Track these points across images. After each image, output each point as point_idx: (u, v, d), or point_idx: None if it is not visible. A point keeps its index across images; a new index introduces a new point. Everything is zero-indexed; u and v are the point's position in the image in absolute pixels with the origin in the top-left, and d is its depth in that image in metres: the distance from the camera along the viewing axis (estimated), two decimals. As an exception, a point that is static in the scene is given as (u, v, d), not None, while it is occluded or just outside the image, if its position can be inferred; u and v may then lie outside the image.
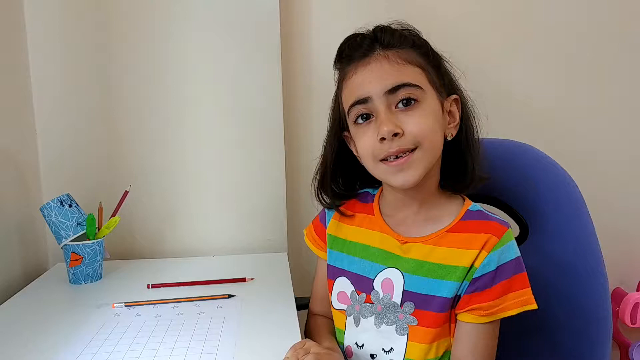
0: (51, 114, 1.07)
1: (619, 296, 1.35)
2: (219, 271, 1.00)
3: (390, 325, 0.72)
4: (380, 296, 0.73)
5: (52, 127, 1.08)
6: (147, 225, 1.13)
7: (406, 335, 0.70)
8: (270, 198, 1.15)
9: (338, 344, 0.79)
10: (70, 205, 0.95)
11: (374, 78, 0.68)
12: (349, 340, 0.77)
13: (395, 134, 0.66)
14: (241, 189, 1.14)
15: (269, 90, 1.11)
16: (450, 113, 0.72)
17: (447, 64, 0.74)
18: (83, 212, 0.96)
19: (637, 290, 1.36)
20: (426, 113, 0.67)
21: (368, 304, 0.74)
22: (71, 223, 0.93)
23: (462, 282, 0.68)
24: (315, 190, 0.81)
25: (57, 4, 1.04)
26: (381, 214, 0.78)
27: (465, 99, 0.74)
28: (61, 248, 0.94)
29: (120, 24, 1.06)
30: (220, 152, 1.13)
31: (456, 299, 0.68)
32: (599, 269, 0.77)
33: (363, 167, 0.75)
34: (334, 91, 0.79)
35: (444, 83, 0.72)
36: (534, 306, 0.67)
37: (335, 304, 0.79)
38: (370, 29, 0.72)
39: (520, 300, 0.66)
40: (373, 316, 0.73)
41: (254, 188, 1.15)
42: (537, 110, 1.28)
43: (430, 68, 0.70)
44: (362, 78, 0.69)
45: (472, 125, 0.74)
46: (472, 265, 0.67)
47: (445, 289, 0.68)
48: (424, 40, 0.73)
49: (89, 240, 0.94)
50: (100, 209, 0.98)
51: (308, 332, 0.84)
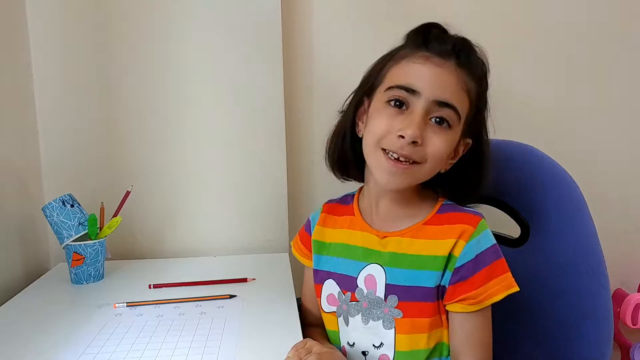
0: (52, 114, 1.08)
1: (620, 297, 1.35)
2: (221, 271, 1.00)
3: (377, 320, 0.72)
4: (365, 293, 0.74)
5: (54, 127, 1.08)
6: (149, 226, 1.13)
7: (393, 329, 0.71)
8: (271, 198, 1.15)
9: (334, 346, 0.79)
10: (72, 205, 0.95)
11: (436, 81, 0.68)
12: (342, 341, 0.78)
13: (415, 142, 0.67)
14: (242, 189, 1.14)
15: (270, 90, 1.11)
16: (455, 150, 0.73)
17: (487, 114, 0.75)
18: (85, 212, 0.97)
19: (638, 291, 1.35)
20: (448, 141, 0.69)
21: (354, 302, 0.75)
22: (73, 223, 0.93)
23: (444, 272, 0.69)
24: (330, 155, 0.80)
25: (58, 5, 1.04)
26: (361, 213, 0.79)
27: (485, 148, 0.75)
28: (63, 248, 0.94)
29: (121, 24, 1.07)
30: (221, 152, 1.13)
31: (440, 289, 0.70)
32: (599, 270, 0.77)
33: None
34: (334, 92, 0.79)
35: (472, 126, 0.73)
36: (516, 288, 0.69)
37: (325, 307, 0.80)
38: (454, 34, 0.72)
39: (503, 284, 0.68)
40: (359, 314, 0.74)
41: (255, 188, 1.15)
42: (538, 111, 1.28)
43: (474, 107, 0.71)
44: (426, 73, 0.68)
45: (486, 170, 0.75)
46: (451, 254, 0.69)
47: (426, 279, 0.70)
48: (487, 81, 0.74)
49: (91, 240, 0.95)
50: (102, 209, 0.98)
51: None
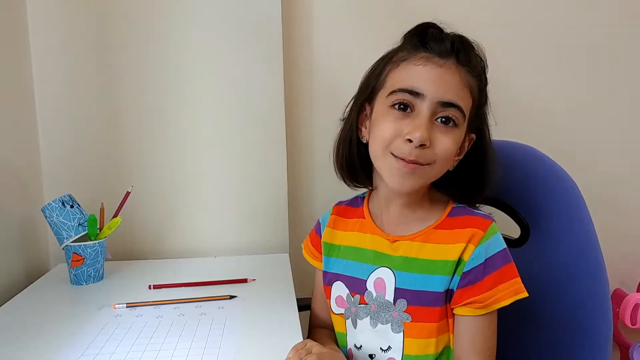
0: (52, 114, 1.07)
1: (619, 297, 1.35)
2: (221, 272, 1.00)
3: (386, 324, 0.72)
4: (374, 296, 0.74)
5: (54, 128, 1.08)
6: (149, 226, 1.13)
7: (402, 333, 0.71)
8: (271, 199, 1.15)
9: (342, 348, 0.79)
10: (71, 206, 0.95)
11: (438, 82, 0.67)
12: (349, 343, 0.78)
13: (423, 145, 0.66)
14: (243, 190, 1.14)
15: (270, 91, 1.11)
16: (461, 147, 0.72)
17: (488, 109, 0.75)
18: (85, 213, 0.97)
19: (638, 291, 1.36)
20: (455, 140, 0.69)
21: (363, 305, 0.75)
22: (73, 224, 0.93)
23: (453, 276, 0.69)
24: (338, 161, 0.79)
25: (58, 5, 1.04)
26: (371, 216, 0.79)
27: (488, 141, 0.75)
28: (62, 249, 0.94)
29: (121, 25, 1.07)
30: (221, 153, 1.13)
31: (448, 293, 0.70)
32: (599, 270, 0.77)
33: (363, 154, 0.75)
34: (334, 92, 0.79)
35: (474, 122, 0.73)
36: (525, 294, 0.68)
37: (335, 308, 0.80)
38: (450, 32, 0.71)
39: (511, 290, 0.68)
40: (368, 316, 0.74)
41: (256, 188, 1.15)
42: (539, 112, 1.28)
43: (476, 103, 0.71)
44: (428, 74, 0.68)
45: (486, 159, 0.74)
46: (460, 258, 0.69)
47: (436, 284, 0.69)
48: (486, 77, 0.74)
49: (91, 240, 0.94)
50: (102, 210, 0.98)
51: None
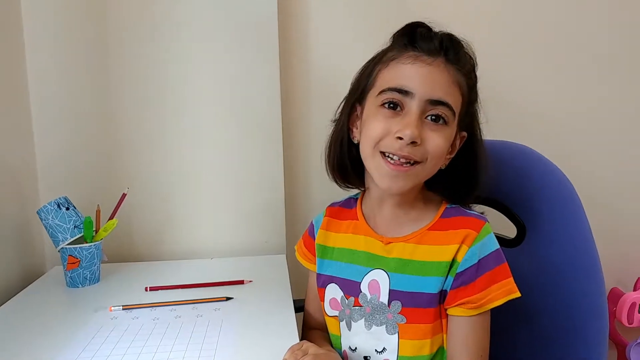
0: (48, 115, 1.07)
1: (615, 296, 1.36)
2: (217, 273, 1.00)
3: (380, 325, 0.72)
4: (368, 298, 0.74)
5: (50, 130, 1.07)
6: (145, 228, 1.13)
7: (397, 334, 0.71)
8: (268, 200, 1.15)
9: (336, 349, 0.79)
10: (67, 208, 0.95)
11: (427, 80, 0.68)
12: (344, 345, 0.78)
13: (414, 142, 0.66)
14: (239, 191, 1.14)
15: (267, 92, 1.11)
16: (452, 145, 0.73)
17: (478, 107, 0.75)
18: (80, 215, 0.96)
19: (634, 290, 1.36)
20: (446, 137, 0.69)
21: (357, 307, 0.75)
22: (68, 226, 0.93)
23: (446, 277, 0.69)
24: (329, 162, 0.79)
25: (54, 5, 1.04)
26: (364, 218, 0.79)
27: (479, 139, 0.75)
28: (58, 251, 0.94)
29: (118, 25, 1.06)
30: (218, 154, 1.13)
31: (442, 294, 0.70)
32: (594, 269, 0.77)
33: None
34: (331, 92, 0.79)
35: (465, 119, 0.73)
36: (518, 294, 0.68)
37: (328, 311, 0.80)
38: (439, 31, 0.71)
39: (504, 290, 0.68)
40: (363, 319, 0.74)
41: (252, 190, 1.14)
42: (534, 111, 1.28)
43: (466, 101, 0.72)
44: (417, 73, 0.68)
45: (478, 157, 0.74)
46: (454, 259, 0.69)
47: (430, 285, 0.69)
48: (476, 74, 0.74)
49: (87, 243, 0.94)
50: (98, 212, 0.98)
51: None
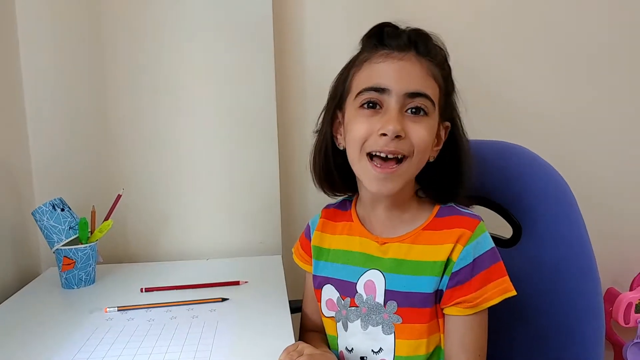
0: (43, 116, 1.07)
1: (612, 296, 1.36)
2: (213, 274, 0.99)
3: (376, 326, 0.72)
4: (364, 298, 0.74)
5: (44, 130, 1.07)
6: (141, 229, 1.12)
7: (393, 334, 0.71)
8: (264, 200, 1.15)
9: (333, 351, 0.79)
10: (62, 209, 0.94)
11: (401, 75, 0.68)
12: (341, 346, 0.78)
13: (398, 136, 0.66)
14: (235, 192, 1.14)
15: (262, 93, 1.11)
16: (437, 137, 0.73)
17: (456, 95, 0.75)
18: (76, 216, 0.96)
19: (630, 290, 1.36)
20: (429, 128, 0.69)
21: (353, 308, 0.75)
22: (63, 227, 0.93)
23: (442, 277, 0.69)
24: (315, 172, 0.79)
25: (49, 4, 1.04)
26: (359, 219, 0.79)
27: (461, 130, 0.75)
28: (53, 252, 0.93)
29: (114, 25, 1.06)
30: (213, 155, 1.13)
31: (438, 293, 0.70)
32: (591, 269, 0.77)
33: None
34: (326, 93, 0.79)
35: (447, 109, 0.73)
36: (513, 292, 0.68)
37: (325, 311, 0.80)
38: (407, 28, 0.72)
39: (500, 288, 0.68)
40: (359, 319, 0.74)
41: (248, 190, 1.14)
42: (530, 112, 1.29)
43: (443, 91, 0.72)
44: (390, 69, 0.68)
45: (462, 150, 0.74)
46: (449, 258, 0.69)
47: (426, 285, 0.69)
48: (449, 65, 0.74)
49: (82, 244, 0.94)
50: (93, 213, 0.97)
51: None
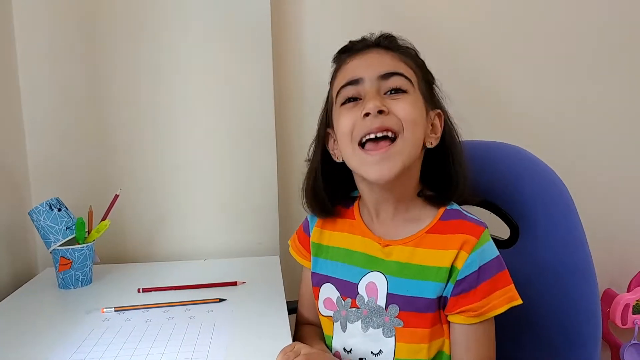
0: (40, 116, 1.06)
1: (609, 297, 1.36)
2: (210, 275, 0.99)
3: (377, 328, 0.72)
4: (365, 300, 0.73)
5: (41, 130, 1.07)
6: (138, 229, 1.12)
7: (393, 337, 0.70)
8: (262, 201, 1.15)
9: (328, 349, 0.78)
10: (59, 209, 0.94)
11: (370, 64, 0.69)
12: (337, 346, 0.77)
13: (381, 112, 0.66)
14: (233, 192, 1.14)
15: (260, 93, 1.11)
16: (433, 125, 0.72)
17: (436, 87, 0.75)
18: (72, 216, 0.96)
19: (628, 292, 1.36)
20: (412, 102, 0.68)
21: (354, 309, 0.74)
22: (60, 227, 0.92)
23: (446, 283, 0.68)
24: (306, 196, 0.79)
25: (45, 6, 1.03)
26: (361, 218, 0.78)
27: (450, 121, 0.75)
28: (50, 252, 0.93)
29: (111, 26, 1.06)
30: (211, 156, 1.12)
31: (441, 299, 0.69)
32: (588, 270, 0.77)
33: (341, 177, 0.76)
34: (325, 93, 0.79)
35: (431, 97, 0.73)
36: (519, 301, 0.67)
37: (322, 310, 0.79)
38: (372, 34, 0.73)
39: (506, 297, 0.67)
40: (359, 320, 0.73)
41: (246, 191, 1.14)
42: (528, 113, 1.29)
43: (421, 78, 0.71)
44: (358, 63, 0.70)
45: (456, 141, 0.74)
46: (453, 265, 0.68)
47: (429, 290, 0.69)
48: (422, 59, 0.74)
49: (79, 244, 0.94)
50: (90, 213, 0.97)
51: (298, 340, 0.83)
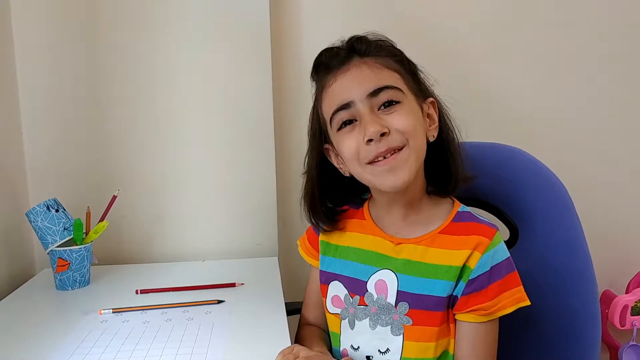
0: (38, 117, 1.06)
1: (608, 298, 1.36)
2: (209, 276, 0.99)
3: (385, 326, 0.72)
4: (375, 298, 0.73)
5: (39, 130, 1.06)
6: (136, 230, 1.12)
7: (402, 335, 0.71)
8: (260, 202, 1.14)
9: (334, 347, 0.79)
10: (57, 210, 0.94)
11: (355, 83, 0.69)
12: (344, 344, 0.77)
13: (383, 134, 0.66)
14: (231, 193, 1.14)
15: (259, 94, 1.11)
16: (429, 116, 0.73)
17: (421, 72, 0.75)
18: (70, 217, 0.95)
19: (626, 293, 1.36)
20: (408, 112, 0.69)
21: (362, 306, 0.74)
22: (58, 228, 0.92)
23: (457, 282, 0.69)
24: (306, 212, 0.80)
25: (44, 9, 1.03)
26: (372, 218, 0.79)
27: (441, 104, 0.75)
28: (48, 253, 0.93)
29: (109, 26, 1.05)
30: (210, 156, 1.12)
31: (451, 299, 0.69)
32: (587, 271, 0.77)
33: (347, 182, 0.76)
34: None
35: (421, 88, 0.73)
36: (527, 302, 0.69)
37: (330, 308, 0.79)
38: (344, 40, 0.73)
39: (514, 298, 0.68)
40: (367, 318, 0.74)
41: (245, 192, 1.14)
42: (527, 114, 1.29)
43: (406, 74, 0.72)
44: (343, 84, 0.70)
45: (450, 126, 0.75)
46: (465, 265, 0.68)
47: (439, 289, 0.69)
48: (399, 49, 0.74)
49: (76, 245, 0.93)
50: (88, 214, 0.97)
51: (299, 341, 0.83)
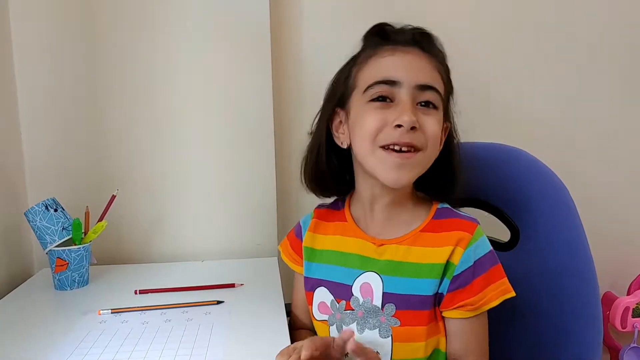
0: (37, 117, 1.06)
1: (609, 300, 1.36)
2: (208, 276, 0.98)
3: (373, 329, 0.71)
4: (360, 301, 0.73)
5: (38, 130, 1.06)
6: (135, 230, 1.11)
7: (390, 337, 0.70)
8: (260, 202, 1.14)
9: None
10: (55, 210, 0.93)
11: (412, 68, 0.68)
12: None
13: (413, 127, 0.66)
14: (231, 193, 1.13)
15: (259, 94, 1.11)
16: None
17: (452, 99, 0.75)
18: (69, 217, 0.95)
19: (628, 295, 1.36)
20: (439, 122, 0.69)
21: (348, 311, 0.74)
22: (56, 228, 0.91)
23: (442, 279, 0.69)
24: (306, 174, 0.78)
25: (43, 8, 1.03)
26: (353, 220, 0.78)
27: (455, 130, 0.76)
28: (46, 253, 0.92)
29: (109, 26, 1.05)
30: (209, 156, 1.12)
31: (437, 296, 0.69)
32: (588, 273, 0.77)
33: (337, 169, 0.76)
34: (323, 93, 0.79)
35: (447, 110, 0.73)
36: (513, 293, 0.69)
37: (317, 315, 0.79)
38: (408, 26, 0.72)
39: (499, 290, 0.68)
40: (354, 322, 0.73)
41: (244, 192, 1.13)
42: (529, 114, 1.28)
43: (445, 89, 0.72)
44: (397, 62, 0.68)
45: (454, 150, 0.75)
46: (449, 261, 0.69)
47: (425, 287, 0.69)
48: (448, 66, 0.74)
49: (75, 245, 0.93)
50: (87, 213, 0.96)
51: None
